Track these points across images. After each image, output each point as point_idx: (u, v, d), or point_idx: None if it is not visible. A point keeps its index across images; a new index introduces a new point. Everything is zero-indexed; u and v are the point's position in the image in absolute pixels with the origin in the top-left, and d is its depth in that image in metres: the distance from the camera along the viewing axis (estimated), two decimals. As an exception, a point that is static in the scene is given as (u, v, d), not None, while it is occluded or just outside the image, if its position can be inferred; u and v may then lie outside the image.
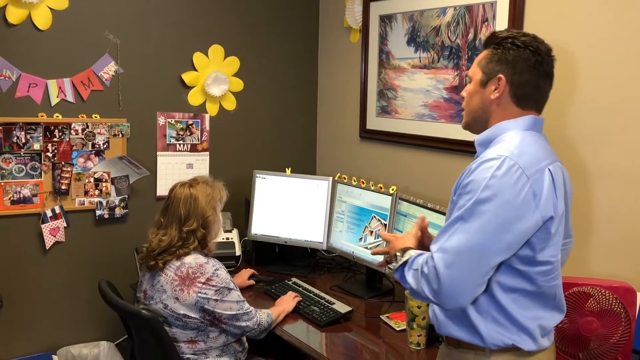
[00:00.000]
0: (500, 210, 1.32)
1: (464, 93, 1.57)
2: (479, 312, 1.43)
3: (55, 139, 2.70)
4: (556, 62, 1.50)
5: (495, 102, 1.47)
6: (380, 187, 2.64)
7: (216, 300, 2.02)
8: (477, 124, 1.53)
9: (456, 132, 2.57)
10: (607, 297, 1.80)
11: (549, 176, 1.38)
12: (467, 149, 2.50)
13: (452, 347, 1.52)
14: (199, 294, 2.01)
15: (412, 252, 1.50)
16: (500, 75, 1.45)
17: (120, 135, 2.85)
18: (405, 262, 1.47)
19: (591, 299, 1.82)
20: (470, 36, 2.46)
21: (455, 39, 2.54)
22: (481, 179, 1.35)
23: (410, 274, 1.44)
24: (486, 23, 2.39)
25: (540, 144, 1.45)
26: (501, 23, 2.32)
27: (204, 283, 2.02)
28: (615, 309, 1.79)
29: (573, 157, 2.08)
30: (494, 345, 1.43)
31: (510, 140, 1.41)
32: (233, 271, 2.73)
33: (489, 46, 1.50)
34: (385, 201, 2.58)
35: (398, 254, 1.53)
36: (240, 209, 3.03)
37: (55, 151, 2.71)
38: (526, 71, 1.44)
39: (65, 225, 2.77)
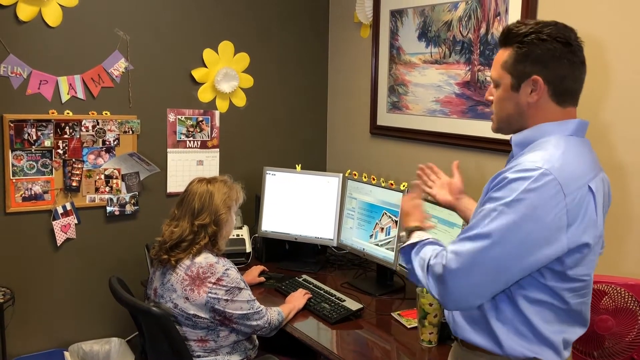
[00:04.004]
0: (527, 226, 1.24)
1: (490, 97, 1.44)
2: (501, 321, 1.36)
3: (66, 136, 2.71)
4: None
5: (534, 104, 1.35)
6: (391, 184, 2.62)
7: (227, 300, 2.01)
8: (512, 127, 1.42)
9: (468, 127, 2.54)
10: (623, 295, 1.77)
11: (589, 193, 1.29)
12: (479, 145, 2.48)
13: (466, 348, 1.47)
14: (209, 294, 2.00)
15: (422, 235, 1.48)
16: (536, 77, 1.32)
17: (131, 132, 2.85)
18: (414, 244, 1.45)
19: (606, 297, 1.79)
20: (482, 31, 2.44)
21: (467, 34, 2.51)
22: (514, 189, 1.25)
23: (417, 260, 1.42)
24: (498, 17, 2.36)
25: (584, 154, 1.35)
26: (514, 17, 2.29)
27: (214, 283, 2.01)
28: (630, 306, 1.76)
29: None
30: (513, 356, 1.37)
31: (553, 150, 1.30)
32: (243, 268, 2.72)
33: (511, 45, 1.36)
34: (396, 198, 2.56)
35: (403, 233, 1.54)
36: (250, 206, 3.02)
37: (66, 148, 2.71)
38: (561, 66, 1.32)
39: (76, 222, 2.78)
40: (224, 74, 3.03)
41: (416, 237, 1.48)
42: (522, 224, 1.24)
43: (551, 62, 1.32)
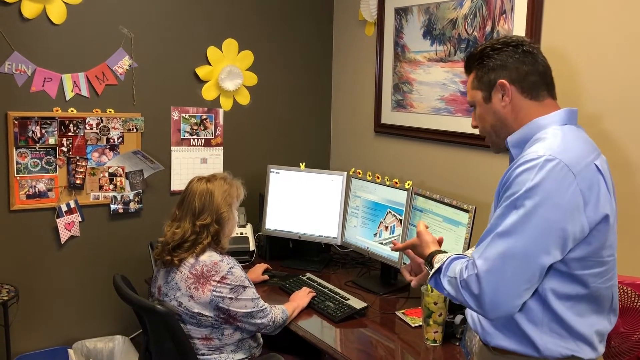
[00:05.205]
0: (545, 212, 1.24)
1: (474, 122, 1.52)
2: (533, 322, 1.35)
3: (70, 134, 2.71)
4: (580, 51, 1.44)
5: (509, 107, 1.41)
6: (396, 182, 2.61)
7: (231, 298, 2.01)
8: (501, 138, 1.46)
9: (473, 126, 2.53)
10: (629, 295, 1.76)
11: (597, 172, 1.30)
12: (483, 143, 2.46)
13: (497, 352, 1.43)
14: (214, 293, 2.00)
15: (442, 257, 1.44)
16: (501, 81, 1.40)
17: (135, 129, 2.85)
18: (439, 269, 1.42)
19: (612, 296, 1.78)
20: (488, 29, 2.43)
21: (472, 32, 2.50)
22: (523, 181, 1.26)
23: (446, 281, 1.39)
24: (504, 15, 2.35)
25: (582, 138, 1.37)
26: (520, 15, 2.28)
27: (218, 281, 2.01)
28: (637, 306, 1.75)
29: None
30: (551, 356, 1.35)
31: (552, 139, 1.32)
32: (247, 266, 2.72)
33: (472, 68, 1.46)
34: (400, 196, 2.55)
35: (424, 264, 1.52)
36: (254, 204, 3.02)
37: (70, 146, 2.71)
38: (520, 64, 1.39)
39: (80, 219, 2.78)
40: (228, 71, 3.02)
41: (436, 262, 1.45)
42: (540, 211, 1.25)
43: (509, 62, 1.40)
